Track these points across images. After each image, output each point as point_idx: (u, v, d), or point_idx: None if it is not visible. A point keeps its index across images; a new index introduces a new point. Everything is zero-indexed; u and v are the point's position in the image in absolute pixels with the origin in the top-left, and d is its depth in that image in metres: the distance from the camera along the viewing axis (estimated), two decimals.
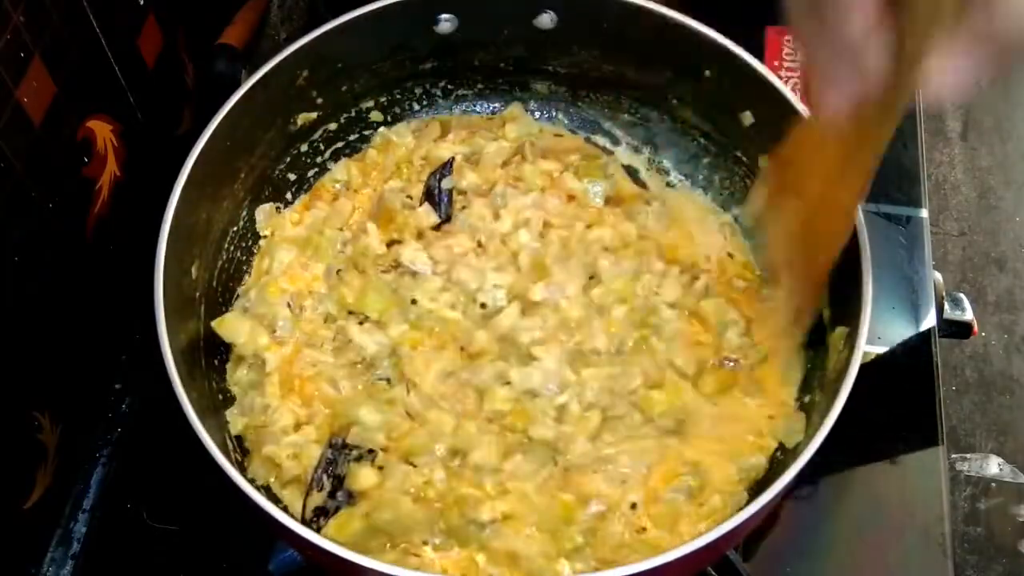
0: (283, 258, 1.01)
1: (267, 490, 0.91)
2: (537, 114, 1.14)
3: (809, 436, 0.79)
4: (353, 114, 1.10)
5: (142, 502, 0.99)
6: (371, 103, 1.10)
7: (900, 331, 1.07)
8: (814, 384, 0.92)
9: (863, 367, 0.80)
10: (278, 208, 1.06)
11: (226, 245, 1.00)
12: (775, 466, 0.91)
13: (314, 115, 1.05)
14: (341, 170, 1.09)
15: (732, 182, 1.07)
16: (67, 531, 1.00)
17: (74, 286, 0.98)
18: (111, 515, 1.00)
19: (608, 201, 1.06)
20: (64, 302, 0.97)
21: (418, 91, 1.12)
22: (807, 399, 0.92)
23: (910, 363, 1.06)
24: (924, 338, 1.07)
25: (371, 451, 0.90)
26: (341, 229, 1.04)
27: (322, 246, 1.02)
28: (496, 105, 1.15)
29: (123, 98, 1.05)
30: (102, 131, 1.00)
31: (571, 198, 1.05)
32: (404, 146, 1.10)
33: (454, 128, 1.12)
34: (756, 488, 0.90)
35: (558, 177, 1.06)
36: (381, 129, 1.11)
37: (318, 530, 0.86)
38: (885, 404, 1.01)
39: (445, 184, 1.04)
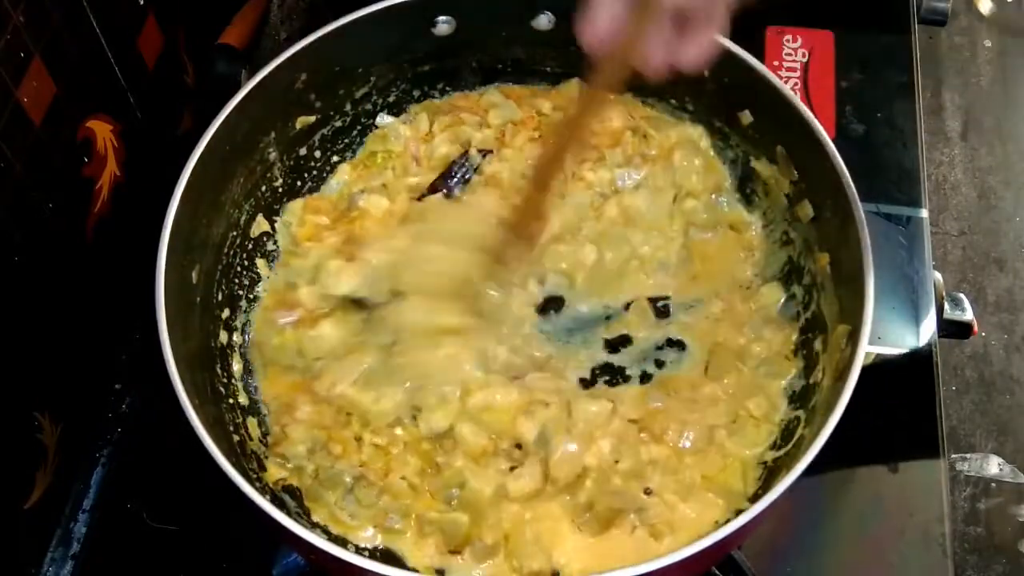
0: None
1: (271, 494, 0.90)
2: None
3: (813, 435, 0.79)
4: (351, 117, 1.09)
5: (142, 502, 0.99)
6: (369, 106, 1.10)
7: (900, 331, 1.07)
8: (812, 390, 0.93)
9: (863, 367, 0.80)
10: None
11: (226, 249, 1.00)
12: (779, 466, 0.91)
13: (313, 118, 1.05)
14: (340, 176, 1.10)
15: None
16: (67, 531, 1.00)
17: (74, 286, 0.98)
18: (111, 515, 1.00)
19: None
20: (64, 302, 0.97)
21: (416, 93, 1.12)
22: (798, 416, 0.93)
23: (910, 363, 1.06)
24: (924, 338, 1.07)
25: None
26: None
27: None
28: None
29: (123, 98, 1.05)
30: (102, 131, 1.00)
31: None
32: (399, 144, 1.11)
33: (439, 113, 1.12)
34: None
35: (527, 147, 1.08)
36: (376, 130, 1.11)
37: None
38: (885, 404, 1.01)
39: (467, 173, 1.07)
